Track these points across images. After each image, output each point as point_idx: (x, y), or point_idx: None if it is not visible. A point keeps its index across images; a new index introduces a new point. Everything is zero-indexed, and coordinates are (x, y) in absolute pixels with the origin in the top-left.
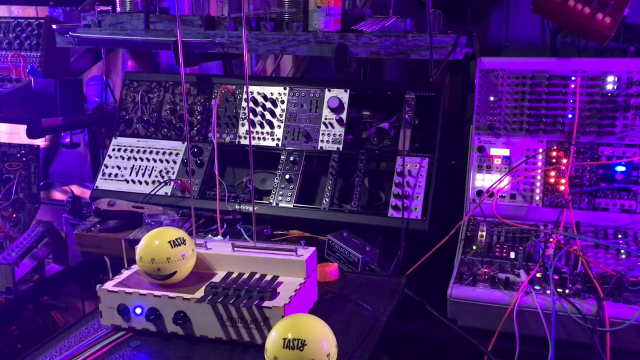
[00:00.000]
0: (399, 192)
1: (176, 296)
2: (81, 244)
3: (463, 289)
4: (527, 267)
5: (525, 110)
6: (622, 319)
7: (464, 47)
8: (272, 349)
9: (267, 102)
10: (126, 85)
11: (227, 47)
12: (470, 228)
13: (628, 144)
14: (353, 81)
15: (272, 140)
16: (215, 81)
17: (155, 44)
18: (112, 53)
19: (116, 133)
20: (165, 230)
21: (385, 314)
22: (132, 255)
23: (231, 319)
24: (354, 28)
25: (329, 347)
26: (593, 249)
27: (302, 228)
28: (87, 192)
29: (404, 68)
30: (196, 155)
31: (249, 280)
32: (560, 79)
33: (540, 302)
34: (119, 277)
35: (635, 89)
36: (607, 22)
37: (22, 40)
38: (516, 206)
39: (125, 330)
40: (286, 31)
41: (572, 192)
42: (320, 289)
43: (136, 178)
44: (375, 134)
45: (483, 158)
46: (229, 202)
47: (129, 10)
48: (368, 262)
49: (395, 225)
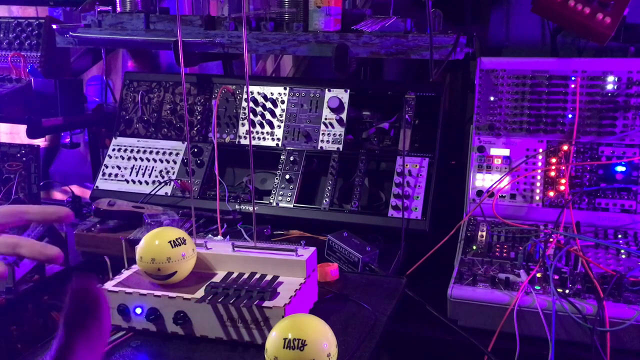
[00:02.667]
0: (399, 192)
1: (176, 296)
2: (81, 244)
3: (463, 289)
4: (527, 267)
5: (525, 110)
6: (622, 319)
7: (464, 47)
8: (272, 349)
9: (267, 102)
10: (126, 85)
11: (227, 47)
12: (470, 228)
13: (628, 144)
14: (353, 81)
15: (272, 140)
16: (216, 81)
17: (155, 44)
18: (112, 53)
19: (116, 133)
20: (166, 230)
21: (385, 314)
22: (132, 255)
23: (231, 319)
24: (354, 28)
25: (329, 347)
26: (593, 249)
27: (302, 228)
28: (87, 192)
29: (404, 68)
30: (196, 155)
31: (249, 280)
32: (561, 79)
33: (541, 302)
34: (119, 277)
35: (635, 89)
36: (607, 22)
37: (22, 40)
38: (516, 206)
39: (125, 330)
40: (286, 31)
41: (572, 192)
42: (321, 289)
43: (136, 178)
44: (375, 134)
45: (483, 158)
46: (229, 202)
47: (129, 10)
48: (368, 262)
49: (396, 225)
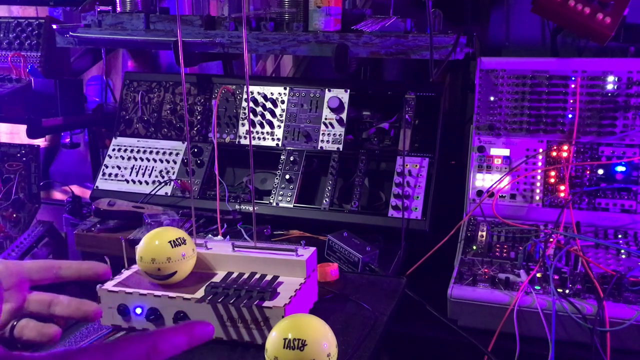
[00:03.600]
0: (399, 192)
1: (176, 296)
2: (81, 244)
3: (463, 289)
4: (527, 267)
5: (526, 110)
6: (622, 319)
7: (464, 47)
8: (272, 349)
9: (267, 102)
10: (126, 85)
11: (227, 47)
12: (470, 228)
13: (628, 144)
14: (353, 81)
15: (272, 140)
16: (216, 81)
17: (155, 44)
18: (112, 53)
19: (116, 133)
20: (166, 230)
21: (385, 314)
22: (132, 255)
23: (231, 319)
24: (354, 28)
25: (329, 347)
26: (593, 249)
27: (302, 228)
28: (87, 192)
29: (404, 68)
30: (196, 155)
31: (249, 280)
32: (561, 79)
33: (541, 302)
34: (119, 277)
35: (635, 89)
36: (607, 22)
37: (22, 40)
38: (516, 206)
39: (125, 330)
40: (286, 31)
41: (572, 192)
42: (320, 289)
43: (136, 178)
44: (375, 134)
45: (483, 158)
46: (229, 202)
47: (129, 10)
48: (368, 262)
49: (396, 225)
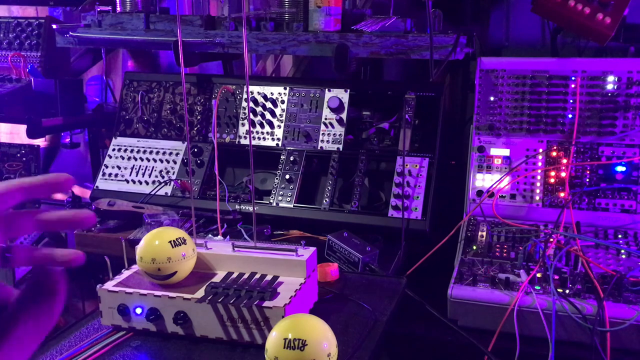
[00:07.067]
0: (399, 192)
1: (176, 296)
2: (81, 244)
3: (463, 289)
4: (527, 267)
5: (526, 110)
6: (622, 319)
7: (464, 47)
8: (272, 349)
9: (267, 102)
10: (126, 85)
11: (227, 47)
12: (470, 228)
13: (628, 144)
14: (353, 81)
15: (272, 140)
16: (216, 81)
17: (155, 44)
18: (112, 53)
19: (116, 133)
20: (166, 230)
21: (385, 314)
22: (132, 255)
23: (231, 319)
24: (354, 28)
25: (329, 347)
26: (593, 249)
27: (302, 228)
28: (87, 192)
29: (404, 68)
30: (196, 155)
31: (249, 280)
32: (561, 79)
33: (541, 302)
34: (119, 277)
35: (635, 89)
36: (607, 22)
37: (22, 40)
38: (516, 206)
39: (125, 330)
40: (286, 31)
41: (572, 192)
42: (320, 289)
43: (136, 178)
44: (375, 134)
45: (483, 158)
46: (229, 202)
47: (129, 10)
48: (368, 262)
49: (396, 225)
